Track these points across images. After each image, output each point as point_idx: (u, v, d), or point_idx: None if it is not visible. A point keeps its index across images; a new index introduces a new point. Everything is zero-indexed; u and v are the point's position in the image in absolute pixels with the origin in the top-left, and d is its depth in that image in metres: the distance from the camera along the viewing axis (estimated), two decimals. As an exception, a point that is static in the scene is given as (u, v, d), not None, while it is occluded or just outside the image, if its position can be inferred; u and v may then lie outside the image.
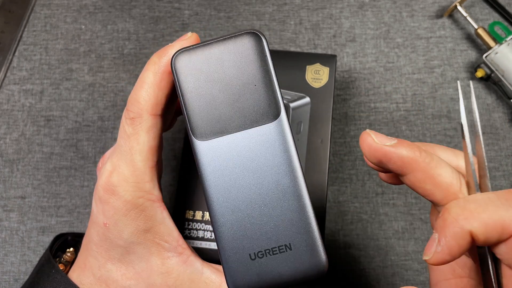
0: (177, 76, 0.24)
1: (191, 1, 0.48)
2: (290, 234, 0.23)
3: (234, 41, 0.23)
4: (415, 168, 0.22)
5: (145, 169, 0.26)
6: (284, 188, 0.23)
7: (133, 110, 0.25)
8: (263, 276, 0.22)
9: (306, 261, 0.22)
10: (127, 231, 0.26)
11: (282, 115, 0.23)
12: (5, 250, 0.42)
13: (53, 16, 0.48)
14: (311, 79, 0.39)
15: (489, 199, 0.21)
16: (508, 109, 0.44)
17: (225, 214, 0.23)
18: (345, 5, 0.47)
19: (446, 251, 0.21)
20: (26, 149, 0.44)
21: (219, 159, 0.23)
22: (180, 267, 0.26)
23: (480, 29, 0.44)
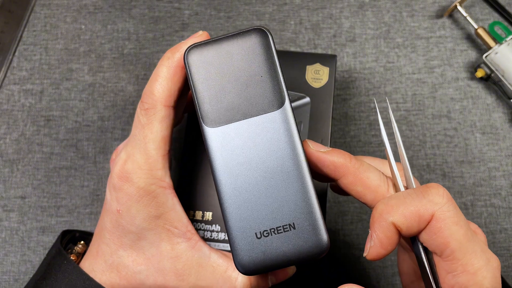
0: (189, 69, 0.25)
1: (191, 1, 0.48)
2: (294, 214, 0.24)
3: (242, 36, 0.25)
4: (346, 172, 0.25)
5: (158, 157, 0.27)
6: (288, 171, 0.24)
7: (148, 102, 0.27)
8: (268, 254, 0.24)
9: (309, 240, 0.24)
10: (139, 217, 0.27)
11: (286, 104, 0.25)
12: (5, 250, 0.42)
13: (53, 16, 0.48)
14: (311, 79, 0.39)
15: (407, 194, 0.24)
16: (508, 109, 0.44)
17: (233, 195, 0.24)
18: (345, 5, 0.47)
19: (378, 244, 0.24)
20: (26, 149, 0.44)
21: (227, 145, 0.25)
22: (189, 252, 0.27)
23: (480, 29, 0.44)
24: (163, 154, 0.27)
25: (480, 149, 0.43)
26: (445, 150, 0.43)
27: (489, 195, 0.42)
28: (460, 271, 0.23)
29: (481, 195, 0.42)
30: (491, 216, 0.42)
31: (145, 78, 0.46)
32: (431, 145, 0.43)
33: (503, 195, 0.42)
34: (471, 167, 0.43)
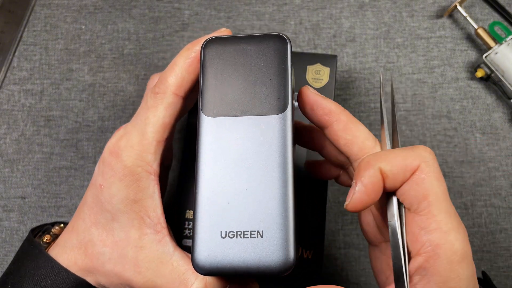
0: (203, 58, 0.25)
1: (191, 1, 0.48)
2: (265, 222, 0.23)
3: (262, 39, 0.25)
4: (339, 118, 0.27)
5: (152, 141, 0.27)
6: (272, 179, 0.23)
7: (159, 87, 0.28)
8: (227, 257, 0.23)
9: (273, 253, 0.22)
10: (118, 197, 0.27)
11: (288, 111, 0.24)
12: (5, 250, 0.42)
13: (53, 16, 0.48)
14: (311, 79, 0.39)
15: (396, 149, 0.25)
16: (508, 109, 0.44)
17: (209, 187, 0.23)
18: (345, 5, 0.47)
19: (362, 189, 0.24)
20: (26, 149, 0.44)
21: (219, 137, 0.24)
22: (154, 245, 0.27)
23: (480, 29, 0.44)
24: (159, 139, 0.27)
25: (480, 149, 0.43)
26: (445, 150, 0.43)
27: (489, 195, 0.42)
28: (433, 227, 0.23)
29: (481, 195, 0.42)
30: (491, 216, 0.42)
31: (145, 78, 0.46)
32: (431, 145, 0.43)
33: (503, 195, 0.42)
34: (471, 167, 0.43)
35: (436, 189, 0.24)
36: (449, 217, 0.23)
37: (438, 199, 0.24)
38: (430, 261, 0.23)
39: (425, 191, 0.24)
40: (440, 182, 0.24)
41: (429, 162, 0.24)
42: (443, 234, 0.23)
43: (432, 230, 0.23)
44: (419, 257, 0.23)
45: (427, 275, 0.23)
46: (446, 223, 0.23)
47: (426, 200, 0.24)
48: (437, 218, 0.23)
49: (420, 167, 0.24)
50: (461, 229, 0.23)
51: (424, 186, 0.24)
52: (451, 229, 0.23)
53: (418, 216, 0.24)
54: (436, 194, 0.24)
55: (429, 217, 0.23)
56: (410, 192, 0.24)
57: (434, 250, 0.23)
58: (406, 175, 0.24)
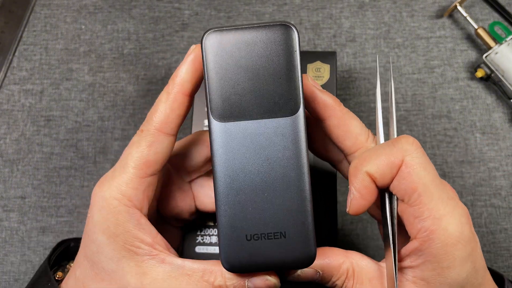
0: (205, 54, 0.24)
1: (191, 1, 0.48)
2: (287, 223, 0.24)
3: (267, 29, 0.24)
4: (333, 114, 0.27)
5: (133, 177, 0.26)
6: (289, 180, 0.24)
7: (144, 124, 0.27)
8: (254, 257, 0.24)
9: (297, 250, 0.24)
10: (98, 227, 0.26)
11: (300, 111, 0.24)
12: (5, 250, 0.42)
13: (53, 16, 0.48)
14: (312, 77, 0.39)
15: (380, 146, 0.26)
16: (508, 109, 0.44)
17: (229, 194, 0.24)
18: (345, 5, 0.47)
19: (357, 195, 0.25)
20: (26, 149, 0.44)
21: (232, 142, 0.24)
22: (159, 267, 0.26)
23: (480, 29, 0.44)
24: (141, 176, 0.26)
25: (480, 149, 0.43)
26: (445, 150, 0.43)
27: (489, 195, 0.42)
28: (426, 215, 0.24)
29: (481, 195, 0.42)
30: (491, 216, 0.42)
31: (145, 78, 0.46)
32: (431, 145, 0.43)
33: (503, 195, 0.42)
34: (471, 167, 0.43)
35: (424, 179, 0.24)
36: (441, 202, 0.24)
37: (427, 189, 0.24)
38: (425, 245, 0.24)
39: (413, 184, 0.24)
40: (426, 171, 0.24)
41: (412, 154, 0.24)
42: (436, 220, 0.24)
43: (425, 218, 0.24)
44: (415, 240, 0.25)
45: (422, 255, 0.24)
46: (438, 209, 0.24)
47: (416, 192, 0.24)
48: (428, 207, 0.24)
49: (404, 161, 0.24)
50: (456, 212, 0.24)
51: (411, 179, 0.24)
52: (443, 215, 0.24)
53: (411, 207, 0.25)
54: (424, 184, 0.24)
55: (421, 207, 0.24)
56: (400, 186, 0.25)
57: (428, 236, 0.24)
58: (393, 172, 0.25)
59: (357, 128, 0.27)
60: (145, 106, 0.45)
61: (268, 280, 0.25)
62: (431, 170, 0.25)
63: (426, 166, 0.25)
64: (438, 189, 0.24)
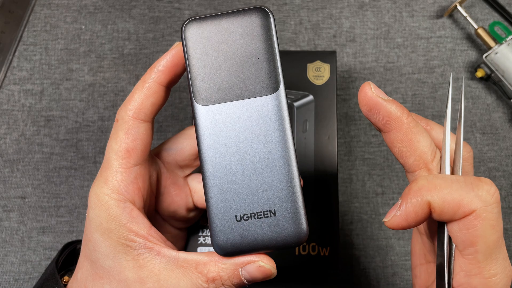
0: (185, 43, 0.25)
1: (191, 1, 0.48)
2: (276, 201, 0.24)
3: (243, 14, 0.24)
4: (398, 126, 0.24)
5: (117, 168, 0.26)
6: (275, 157, 0.24)
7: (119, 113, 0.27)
8: (245, 238, 0.24)
9: (288, 228, 0.24)
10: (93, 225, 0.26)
11: (280, 89, 0.24)
12: (5, 250, 0.42)
13: (53, 16, 0.48)
14: (312, 76, 0.39)
15: (456, 179, 0.23)
16: (508, 109, 0.44)
17: (217, 176, 0.24)
18: (345, 5, 0.47)
19: (403, 216, 0.23)
20: (26, 149, 0.44)
21: (216, 124, 0.24)
22: (155, 260, 0.26)
23: (480, 29, 0.44)
24: (125, 166, 0.27)
25: (480, 149, 0.43)
26: (445, 150, 0.43)
27: (489, 195, 0.42)
28: (475, 273, 0.22)
29: (481, 195, 0.42)
30: (491, 216, 0.42)
31: (145, 78, 0.46)
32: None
33: (503, 195, 0.42)
34: (471, 167, 0.43)
35: (488, 238, 0.22)
36: (495, 263, 0.22)
37: (487, 249, 0.22)
38: None
39: (475, 238, 0.22)
40: (494, 230, 0.22)
41: (488, 208, 0.22)
42: (484, 280, 0.22)
43: (473, 276, 0.23)
44: None
45: None
46: (489, 269, 0.22)
47: (473, 248, 0.22)
48: (481, 265, 0.22)
49: (476, 212, 0.22)
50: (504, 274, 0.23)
51: (475, 233, 0.22)
52: (493, 275, 0.22)
53: (462, 258, 0.23)
54: (486, 243, 0.22)
55: (473, 263, 0.22)
56: (458, 234, 0.23)
57: None
58: (456, 217, 0.22)
59: (424, 147, 0.24)
60: (145, 106, 0.45)
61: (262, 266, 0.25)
62: (499, 229, 0.22)
63: (496, 225, 0.22)
64: (497, 249, 0.23)
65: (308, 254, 0.36)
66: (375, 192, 0.43)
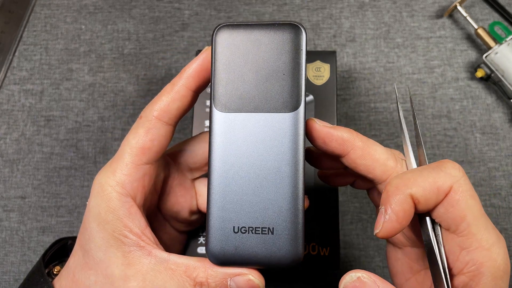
0: (215, 46, 0.24)
1: (191, 1, 0.48)
2: (276, 220, 0.24)
3: (276, 28, 0.24)
4: (354, 146, 0.26)
5: (127, 162, 0.26)
6: (283, 177, 0.24)
7: (144, 111, 0.28)
8: (240, 251, 0.24)
9: (283, 248, 0.24)
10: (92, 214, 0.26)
11: (300, 109, 0.24)
12: (5, 250, 0.42)
13: (53, 16, 0.48)
14: (312, 76, 0.39)
15: (423, 168, 0.24)
16: (508, 109, 0.44)
17: (222, 184, 0.24)
18: (345, 5, 0.47)
19: (393, 218, 0.23)
20: (26, 149, 0.44)
21: (231, 133, 0.24)
22: (143, 259, 0.26)
23: (480, 29, 0.44)
24: (137, 163, 0.27)
25: (480, 149, 0.43)
26: (445, 150, 0.43)
27: (489, 195, 0.42)
28: (475, 246, 0.23)
29: (481, 195, 0.42)
30: (491, 216, 0.42)
31: (145, 78, 0.46)
32: (431, 145, 0.43)
33: (503, 195, 0.42)
34: (471, 167, 0.43)
35: (473, 208, 0.23)
36: (488, 232, 0.23)
37: (476, 218, 0.23)
38: (475, 280, 0.23)
39: (462, 212, 0.23)
40: (475, 200, 0.23)
41: (460, 181, 0.23)
42: (486, 251, 0.23)
43: (473, 250, 0.23)
44: (463, 276, 0.23)
45: None
46: (486, 239, 0.23)
47: (465, 221, 0.23)
48: (477, 237, 0.23)
49: (452, 188, 0.23)
50: (500, 242, 0.23)
51: (460, 207, 0.23)
52: (492, 244, 0.23)
53: (458, 237, 0.23)
54: (473, 213, 0.23)
55: (469, 237, 0.23)
56: (447, 214, 0.23)
57: (478, 269, 0.23)
58: (439, 198, 0.23)
59: (383, 155, 0.26)
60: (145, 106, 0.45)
61: (251, 280, 0.25)
62: (477, 199, 0.24)
63: (474, 195, 0.24)
64: (484, 219, 0.23)
65: (308, 254, 0.36)
66: (375, 192, 0.43)
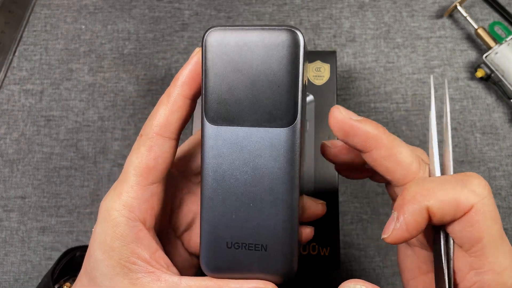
0: (205, 52, 0.23)
1: (191, 1, 0.48)
2: (269, 237, 0.23)
3: (270, 33, 0.22)
4: (379, 144, 0.23)
5: (133, 184, 0.25)
6: (277, 194, 0.23)
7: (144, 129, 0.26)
8: (232, 266, 0.23)
9: (276, 266, 0.23)
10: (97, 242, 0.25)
11: (296, 123, 0.23)
12: (5, 250, 0.42)
13: (53, 16, 0.48)
14: (312, 76, 0.39)
15: (446, 180, 0.23)
16: (508, 109, 0.44)
17: (215, 199, 0.23)
18: (345, 5, 0.47)
19: (404, 227, 0.22)
20: (26, 149, 0.44)
21: (224, 147, 0.23)
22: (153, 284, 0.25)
23: (480, 29, 0.44)
24: (142, 183, 0.25)
25: (480, 149, 0.43)
26: (445, 150, 0.43)
27: (489, 195, 0.42)
28: (486, 269, 0.22)
29: (481, 195, 0.42)
30: (491, 216, 0.42)
31: (145, 78, 0.46)
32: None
33: (503, 195, 0.42)
34: (471, 167, 0.43)
35: (491, 230, 0.22)
36: (503, 256, 0.22)
37: (492, 241, 0.22)
38: None
39: (480, 234, 0.22)
40: (495, 221, 0.22)
41: (484, 200, 0.22)
42: (496, 275, 0.22)
43: (483, 272, 0.22)
44: None
45: None
46: (499, 263, 0.22)
47: (480, 243, 0.22)
48: (490, 260, 0.22)
49: (474, 207, 0.22)
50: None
51: (479, 228, 0.22)
52: (505, 269, 0.22)
53: (470, 257, 0.23)
54: (491, 236, 0.22)
55: (481, 259, 0.22)
56: (462, 233, 0.22)
57: None
58: (457, 215, 0.22)
59: (407, 157, 0.24)
60: (145, 106, 0.45)
61: None
62: (498, 220, 0.22)
63: (495, 216, 0.22)
64: (502, 241, 0.22)
65: (308, 254, 0.36)
66: (375, 192, 0.43)
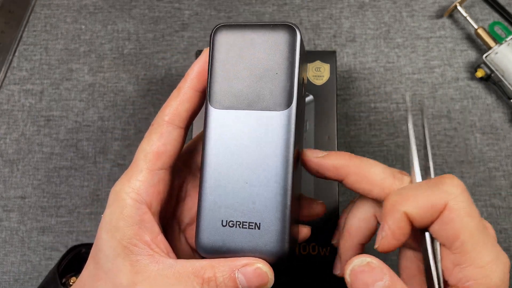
0: (212, 46, 0.25)
1: (191, 1, 0.48)
2: (263, 215, 0.24)
3: (271, 29, 0.25)
4: (348, 172, 0.26)
5: (142, 168, 0.27)
6: (272, 174, 0.24)
7: (155, 118, 0.28)
8: (226, 244, 0.25)
9: (268, 245, 0.24)
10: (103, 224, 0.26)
11: (292, 107, 0.25)
12: (5, 250, 0.42)
13: (53, 16, 0.48)
14: (312, 76, 0.39)
15: (420, 185, 0.24)
16: (508, 109, 0.44)
17: (213, 178, 0.25)
18: (345, 5, 0.47)
19: (390, 235, 0.24)
20: (26, 149, 0.44)
21: (224, 129, 0.25)
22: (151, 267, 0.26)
23: (480, 29, 0.44)
24: (151, 168, 0.27)
25: (480, 149, 0.43)
26: (445, 150, 0.43)
27: (489, 195, 0.42)
28: (468, 264, 0.23)
29: (481, 195, 0.42)
30: (491, 216, 0.42)
31: (145, 78, 0.46)
32: (431, 145, 0.43)
33: (503, 195, 0.42)
34: (471, 167, 0.43)
35: (468, 226, 0.23)
36: (485, 249, 0.23)
37: (471, 236, 0.23)
38: None
39: (456, 231, 0.23)
40: (471, 217, 0.23)
41: (457, 198, 0.23)
42: (479, 269, 0.23)
43: (466, 267, 0.23)
44: None
45: None
46: (481, 258, 0.23)
47: (458, 240, 0.23)
48: (471, 255, 0.23)
49: (447, 206, 0.23)
50: (499, 260, 0.23)
51: (454, 226, 0.23)
52: (487, 263, 0.23)
53: (452, 254, 0.23)
54: (468, 231, 0.23)
55: (463, 255, 0.23)
56: (441, 232, 0.24)
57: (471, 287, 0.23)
58: (434, 216, 0.23)
59: (379, 175, 0.26)
60: (145, 106, 0.45)
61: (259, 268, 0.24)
62: (475, 215, 0.23)
63: (471, 212, 0.23)
64: (482, 236, 0.23)
65: (308, 254, 0.36)
66: (375, 192, 0.43)
